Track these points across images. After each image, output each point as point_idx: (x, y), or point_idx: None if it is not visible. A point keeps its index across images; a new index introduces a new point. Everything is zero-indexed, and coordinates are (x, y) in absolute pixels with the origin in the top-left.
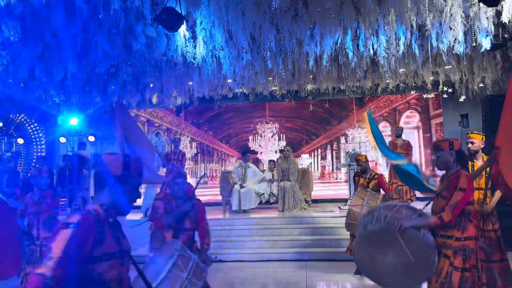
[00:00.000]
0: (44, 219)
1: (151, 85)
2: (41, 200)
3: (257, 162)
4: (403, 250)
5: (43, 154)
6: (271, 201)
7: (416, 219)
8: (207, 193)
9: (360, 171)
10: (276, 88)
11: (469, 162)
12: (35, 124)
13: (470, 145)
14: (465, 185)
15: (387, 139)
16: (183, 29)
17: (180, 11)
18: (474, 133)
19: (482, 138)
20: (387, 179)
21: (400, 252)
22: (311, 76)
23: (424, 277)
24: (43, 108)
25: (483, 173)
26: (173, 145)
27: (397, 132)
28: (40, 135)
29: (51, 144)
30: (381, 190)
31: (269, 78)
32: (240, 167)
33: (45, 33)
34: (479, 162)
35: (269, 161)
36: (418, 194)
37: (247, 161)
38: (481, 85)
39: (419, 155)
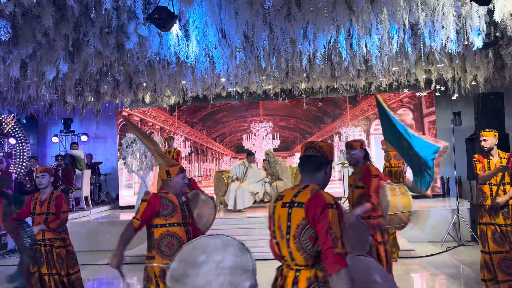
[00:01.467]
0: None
1: (144, 84)
2: (49, 201)
3: None
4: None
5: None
6: (265, 200)
7: (358, 209)
8: None
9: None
10: (269, 87)
11: (485, 160)
12: (28, 124)
13: (483, 142)
14: (376, 172)
15: (380, 138)
16: (175, 28)
17: (172, 10)
18: (486, 130)
19: (495, 135)
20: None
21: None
22: (304, 75)
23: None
24: (36, 108)
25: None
26: (166, 144)
27: None
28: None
29: (43, 144)
30: None
31: (263, 77)
32: (242, 165)
33: (36, 32)
34: (495, 158)
35: (264, 160)
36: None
37: (251, 162)
38: (473, 83)
39: None
